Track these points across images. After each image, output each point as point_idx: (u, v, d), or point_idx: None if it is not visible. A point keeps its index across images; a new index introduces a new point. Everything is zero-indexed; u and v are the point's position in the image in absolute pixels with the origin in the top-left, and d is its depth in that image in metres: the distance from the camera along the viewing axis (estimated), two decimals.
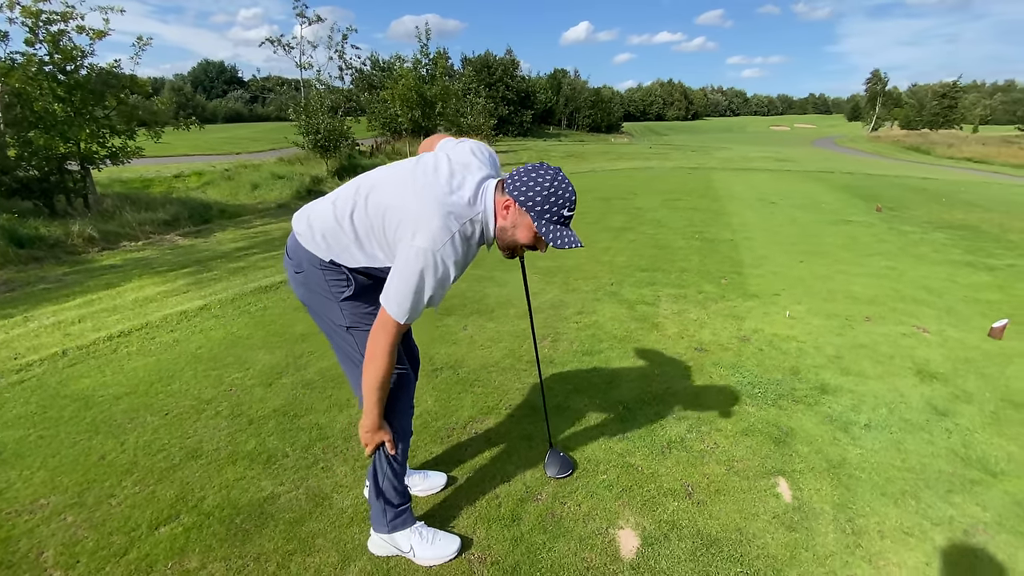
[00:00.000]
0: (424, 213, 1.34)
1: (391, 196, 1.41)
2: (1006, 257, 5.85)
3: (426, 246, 1.31)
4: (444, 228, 1.33)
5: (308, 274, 1.53)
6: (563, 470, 2.16)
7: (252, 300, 4.30)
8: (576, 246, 1.39)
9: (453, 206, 1.36)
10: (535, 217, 1.39)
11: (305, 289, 1.57)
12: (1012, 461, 2.30)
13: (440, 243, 1.32)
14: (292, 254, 1.56)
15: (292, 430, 2.49)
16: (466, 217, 1.38)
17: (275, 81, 21.26)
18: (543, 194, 1.37)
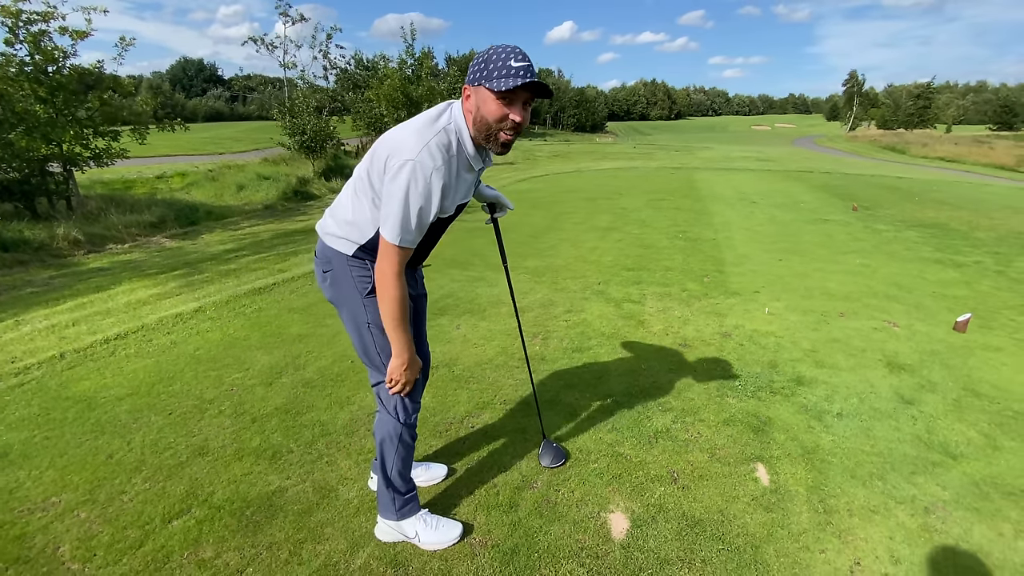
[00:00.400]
0: (400, 138, 1.43)
1: (383, 144, 1.48)
2: (973, 254, 6.13)
3: (403, 159, 1.38)
4: (418, 141, 1.40)
5: (336, 271, 1.64)
6: (556, 459, 2.29)
7: (247, 302, 4.36)
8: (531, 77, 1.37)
9: (422, 126, 1.44)
10: (486, 83, 1.39)
11: (335, 288, 1.67)
12: (971, 445, 2.49)
13: (415, 153, 1.38)
14: (320, 254, 1.69)
15: (295, 427, 2.58)
16: (436, 129, 1.43)
17: (258, 80, 21.05)
18: (482, 62, 1.40)
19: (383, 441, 1.78)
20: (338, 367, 3.19)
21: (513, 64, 1.36)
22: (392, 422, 1.76)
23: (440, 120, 1.45)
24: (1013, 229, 7.85)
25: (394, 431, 1.77)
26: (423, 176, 1.38)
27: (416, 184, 1.38)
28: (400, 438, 1.78)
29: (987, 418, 2.71)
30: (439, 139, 1.42)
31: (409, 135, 1.42)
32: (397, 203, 1.39)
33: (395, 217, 1.40)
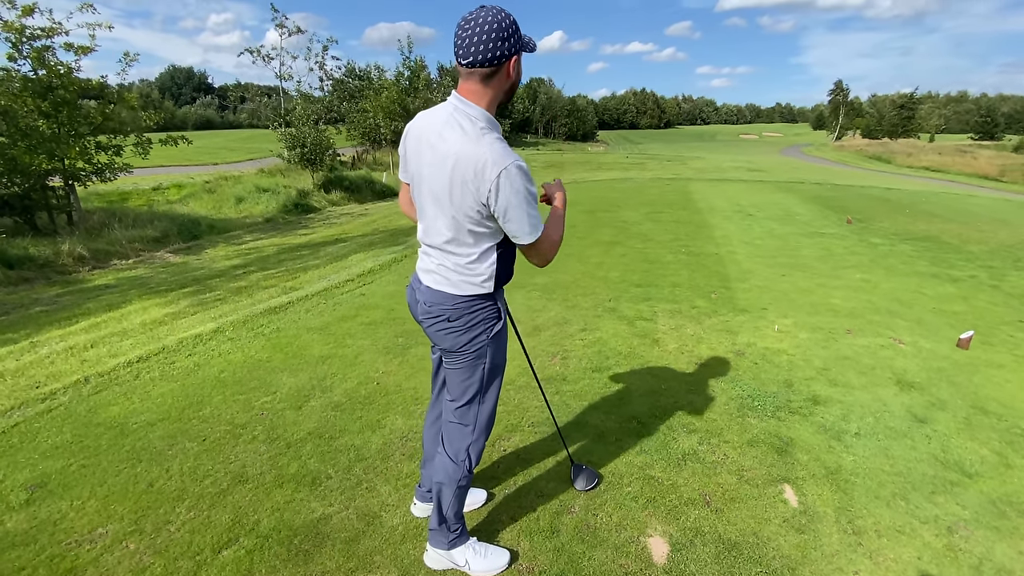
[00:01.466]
0: (475, 153, 1.41)
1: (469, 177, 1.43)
2: (967, 268, 6.31)
3: (506, 163, 1.38)
4: (495, 142, 1.42)
5: (466, 319, 1.61)
6: (589, 482, 2.35)
7: (264, 322, 4.40)
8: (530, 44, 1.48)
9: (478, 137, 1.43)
10: (524, 49, 1.47)
11: (465, 335, 1.63)
12: (984, 463, 2.59)
13: (500, 150, 1.40)
14: (440, 309, 1.62)
15: (330, 452, 2.62)
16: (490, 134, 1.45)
17: (253, 90, 21.09)
18: (516, 28, 1.42)
19: (443, 484, 1.81)
20: (365, 389, 3.24)
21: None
22: (455, 467, 1.79)
23: (477, 123, 1.45)
24: (1003, 242, 8.07)
25: (455, 475, 1.80)
26: (524, 170, 1.42)
27: (528, 178, 1.43)
28: (459, 484, 1.81)
29: (997, 436, 2.82)
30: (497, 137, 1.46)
31: (480, 146, 1.40)
32: (526, 204, 1.43)
33: (527, 215, 1.45)
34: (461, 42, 1.40)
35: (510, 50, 1.41)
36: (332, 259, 6.95)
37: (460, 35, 1.40)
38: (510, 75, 1.47)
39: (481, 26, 1.37)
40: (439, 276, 1.62)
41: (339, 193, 14.53)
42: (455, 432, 1.80)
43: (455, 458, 1.80)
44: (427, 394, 3.16)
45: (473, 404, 1.76)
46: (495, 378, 1.77)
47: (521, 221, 1.46)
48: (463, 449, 1.80)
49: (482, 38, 1.38)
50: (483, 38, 1.38)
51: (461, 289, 1.60)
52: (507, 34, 1.39)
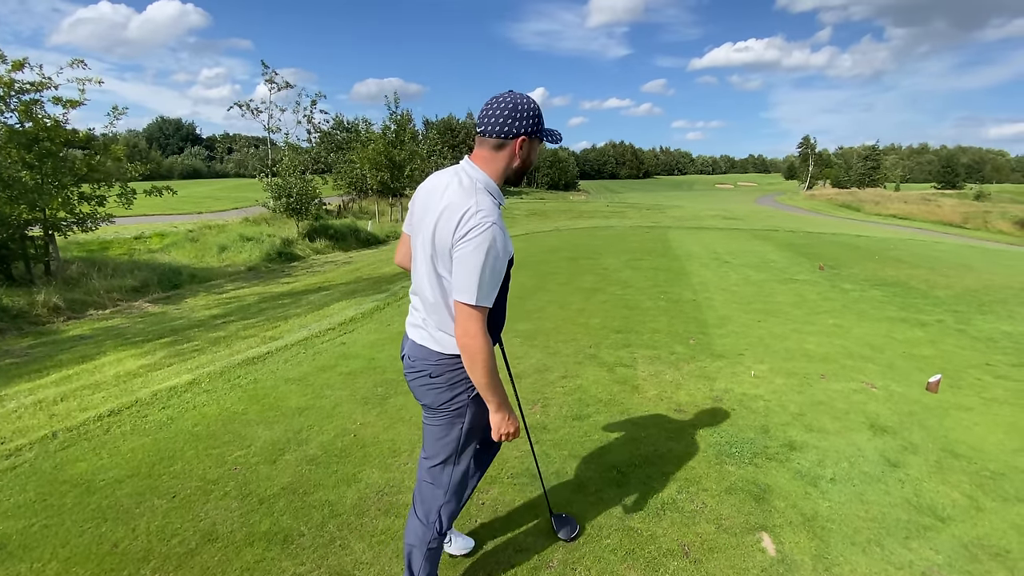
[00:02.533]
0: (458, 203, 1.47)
1: (428, 223, 1.53)
2: (934, 313, 6.52)
3: (479, 218, 1.42)
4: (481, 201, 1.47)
5: (447, 376, 1.63)
6: (572, 531, 2.34)
7: (241, 373, 4.34)
8: (557, 141, 1.67)
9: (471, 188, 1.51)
10: (543, 136, 1.63)
11: (449, 392, 1.65)
12: (956, 507, 2.62)
13: (486, 210, 1.45)
14: (422, 363, 1.65)
15: (304, 508, 2.57)
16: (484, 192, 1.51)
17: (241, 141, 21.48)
18: (539, 115, 1.58)
19: (413, 547, 1.80)
20: (341, 442, 3.19)
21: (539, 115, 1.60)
22: (424, 529, 1.78)
23: (476, 183, 1.53)
24: (968, 287, 8.38)
25: (425, 537, 1.78)
26: (501, 234, 1.46)
27: (497, 241, 1.44)
28: (429, 546, 1.79)
29: (968, 479, 2.87)
30: (492, 199, 1.53)
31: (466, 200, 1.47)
32: (477, 261, 1.41)
33: (481, 278, 1.42)
34: (482, 113, 1.57)
35: (520, 129, 1.54)
36: (314, 308, 6.94)
37: (484, 108, 1.57)
38: (516, 153, 1.57)
39: (501, 103, 1.54)
40: (425, 332, 1.65)
41: (324, 241, 14.62)
42: (427, 492, 1.79)
43: (425, 519, 1.78)
44: (405, 445, 3.13)
45: (447, 465, 1.75)
46: (472, 440, 1.76)
47: (468, 276, 1.42)
48: (434, 510, 1.78)
49: (497, 112, 1.53)
50: (498, 113, 1.53)
51: (445, 347, 1.62)
52: (521, 115, 1.53)
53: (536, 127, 1.57)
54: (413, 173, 22.46)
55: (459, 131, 58.85)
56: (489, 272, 1.44)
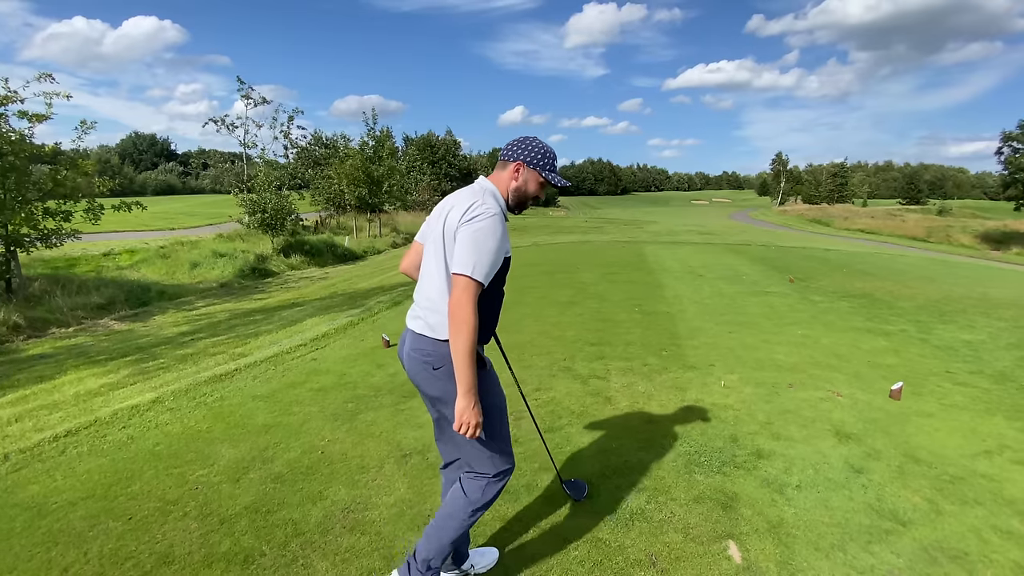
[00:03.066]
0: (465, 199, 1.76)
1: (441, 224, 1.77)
2: (898, 323, 6.72)
3: (483, 208, 1.70)
4: (490, 198, 1.78)
5: (447, 366, 1.72)
6: (581, 492, 2.67)
7: (207, 390, 4.24)
8: (566, 184, 1.97)
9: (479, 190, 1.83)
10: (540, 169, 1.87)
11: (446, 380, 1.75)
12: (917, 511, 2.68)
13: (489, 204, 1.73)
14: (423, 355, 1.79)
15: (266, 527, 2.50)
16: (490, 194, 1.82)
17: (215, 157, 21.25)
18: (540, 151, 1.88)
19: (458, 507, 1.87)
20: (308, 459, 3.13)
21: (555, 164, 1.92)
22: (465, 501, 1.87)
23: (485, 189, 1.84)
24: (930, 298, 8.66)
25: (477, 496, 1.87)
26: (501, 223, 1.73)
27: (500, 228, 1.71)
28: (482, 501, 1.87)
29: (928, 483, 2.93)
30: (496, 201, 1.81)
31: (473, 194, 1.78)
32: (489, 246, 1.66)
33: (484, 256, 1.65)
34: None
35: (519, 156, 1.87)
36: (286, 324, 6.83)
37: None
38: (515, 175, 1.87)
39: (516, 139, 1.92)
40: (423, 322, 1.81)
41: (299, 257, 14.44)
42: (471, 484, 1.89)
43: (487, 469, 1.87)
44: (373, 462, 3.09)
45: (483, 450, 1.85)
46: (492, 418, 1.82)
47: (468, 251, 1.64)
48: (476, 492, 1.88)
49: (511, 144, 1.91)
50: (511, 144, 1.91)
51: (439, 333, 1.75)
52: (524, 147, 1.88)
53: (534, 159, 1.86)
54: (392, 189, 22.45)
55: (438, 147, 59.09)
56: (487, 252, 1.65)
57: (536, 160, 1.86)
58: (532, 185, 1.89)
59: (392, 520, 2.53)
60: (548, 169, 1.89)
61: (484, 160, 72.53)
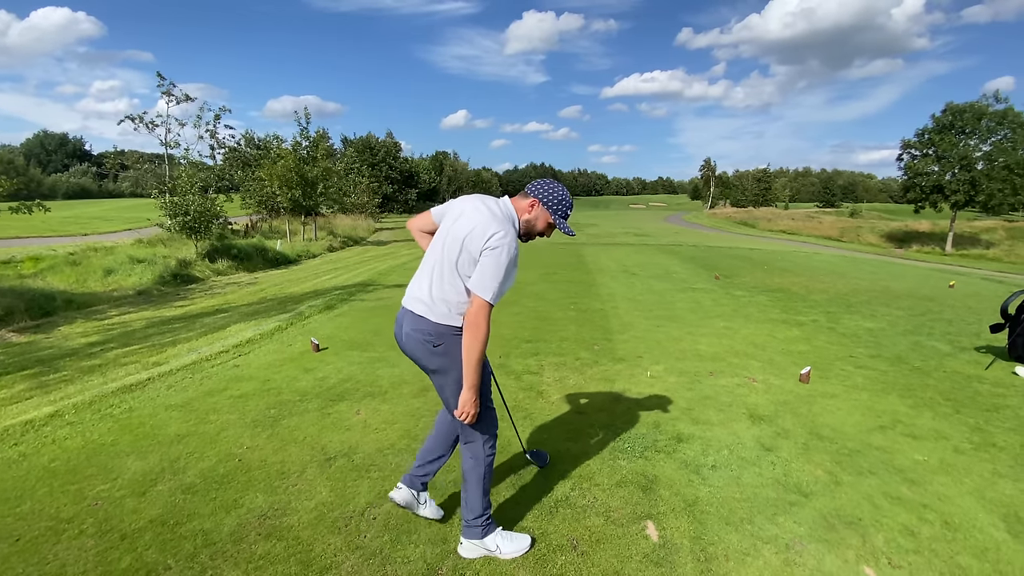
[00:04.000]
0: (489, 224, 1.95)
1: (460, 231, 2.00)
2: (810, 314, 7.23)
3: (505, 240, 1.91)
4: (507, 227, 1.96)
5: (448, 344, 2.03)
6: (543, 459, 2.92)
7: (115, 402, 3.94)
8: (572, 234, 2.17)
9: (502, 217, 2.02)
10: (552, 212, 2.11)
11: (447, 357, 2.04)
12: (818, 483, 2.89)
13: (510, 236, 1.94)
14: (424, 334, 2.05)
15: (173, 540, 2.35)
16: (509, 221, 2.03)
17: (133, 157, 19.78)
18: (558, 198, 2.11)
19: (467, 481, 2.19)
20: (224, 467, 2.97)
21: (569, 212, 2.14)
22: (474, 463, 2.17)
23: (506, 212, 2.06)
24: (839, 291, 9.39)
25: (477, 469, 2.17)
26: (514, 251, 1.94)
27: (510, 256, 1.93)
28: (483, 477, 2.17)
29: (829, 458, 3.17)
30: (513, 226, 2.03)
31: (493, 221, 1.96)
32: (499, 271, 1.90)
33: (495, 280, 1.90)
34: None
35: (540, 195, 2.10)
36: (208, 330, 6.46)
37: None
38: (530, 209, 2.10)
39: (547, 180, 2.16)
40: (426, 306, 2.05)
41: (226, 262, 13.70)
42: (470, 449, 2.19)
43: (475, 457, 2.17)
44: (295, 467, 2.98)
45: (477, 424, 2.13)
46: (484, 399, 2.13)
47: (483, 276, 1.91)
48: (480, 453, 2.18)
49: (539, 181, 2.16)
50: (540, 181, 2.15)
51: (445, 320, 2.02)
52: (547, 190, 2.10)
53: (550, 202, 2.09)
54: (328, 191, 21.75)
55: (378, 150, 57.92)
56: (503, 280, 1.93)
57: (552, 204, 2.10)
58: (541, 223, 2.12)
59: (312, 524, 2.45)
60: (559, 215, 2.11)
61: (426, 163, 71.75)
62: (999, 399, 4.17)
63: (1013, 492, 2.82)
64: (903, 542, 2.39)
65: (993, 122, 31.92)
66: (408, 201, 60.00)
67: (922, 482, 2.90)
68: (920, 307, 8.11)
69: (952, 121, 32.87)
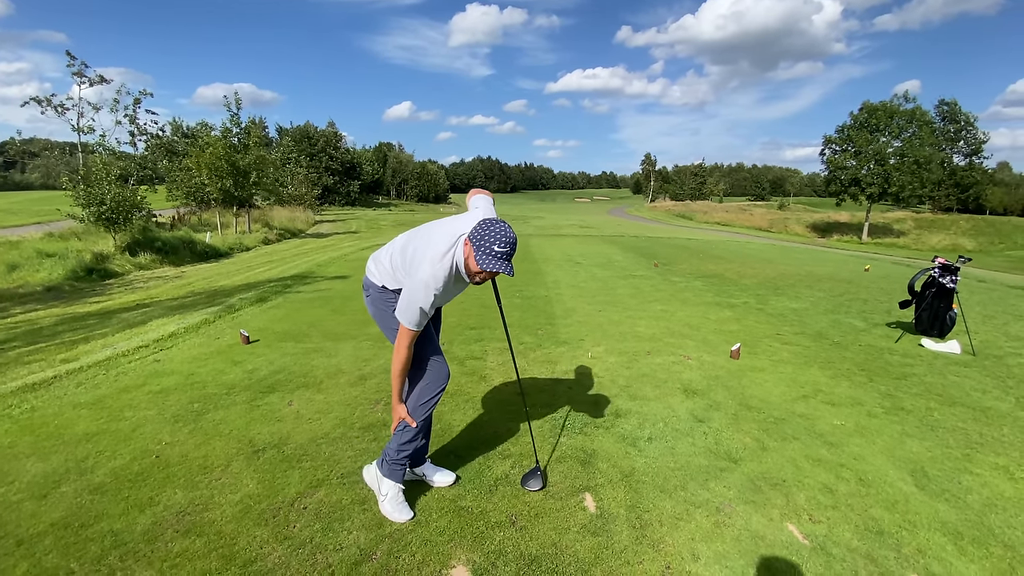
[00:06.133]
0: (423, 256, 2.10)
1: (416, 249, 2.17)
2: (741, 296, 7.58)
3: (420, 275, 2.05)
4: (431, 266, 2.05)
5: (374, 297, 2.35)
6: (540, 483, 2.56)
7: (14, 402, 3.57)
8: (495, 270, 1.99)
9: (436, 257, 2.07)
10: (476, 249, 2.00)
11: (374, 307, 2.37)
12: (746, 449, 3.02)
13: (427, 274, 2.04)
14: (366, 287, 2.38)
15: (78, 543, 2.14)
16: (445, 263, 2.06)
17: (42, 145, 18.03)
18: (479, 234, 2.01)
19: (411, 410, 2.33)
20: (138, 465, 2.75)
21: (496, 249, 1.97)
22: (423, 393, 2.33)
23: (447, 255, 2.07)
24: (768, 276, 9.91)
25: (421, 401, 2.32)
26: (428, 290, 2.03)
27: (424, 295, 2.04)
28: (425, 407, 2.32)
29: (757, 426, 3.32)
30: (444, 268, 2.05)
31: (428, 259, 2.07)
32: (412, 304, 2.05)
33: (410, 311, 2.06)
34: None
35: (471, 233, 2.05)
36: (126, 326, 5.99)
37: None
38: (465, 247, 2.08)
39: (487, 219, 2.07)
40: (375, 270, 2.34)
41: (149, 256, 12.77)
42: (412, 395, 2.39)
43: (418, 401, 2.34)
44: (219, 461, 2.81)
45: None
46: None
47: (404, 307, 2.09)
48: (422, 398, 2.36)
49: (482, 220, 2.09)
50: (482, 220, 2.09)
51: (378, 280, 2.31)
52: (478, 226, 2.03)
53: (474, 237, 2.02)
54: (262, 180, 20.71)
55: (317, 140, 55.67)
56: (413, 301, 2.06)
57: (475, 240, 2.01)
58: (471, 261, 2.04)
59: (236, 518, 2.31)
60: (483, 251, 1.98)
61: (369, 154, 69.77)
62: (907, 368, 4.52)
63: (919, 450, 3.05)
64: (822, 499, 2.53)
65: (903, 120, 34.67)
66: (350, 193, 58.10)
67: (840, 444, 3.09)
68: (839, 289, 8.69)
69: (867, 119, 35.45)
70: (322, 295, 7.50)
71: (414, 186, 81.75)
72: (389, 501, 2.32)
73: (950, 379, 4.28)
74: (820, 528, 2.32)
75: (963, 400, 3.84)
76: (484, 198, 2.51)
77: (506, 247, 1.98)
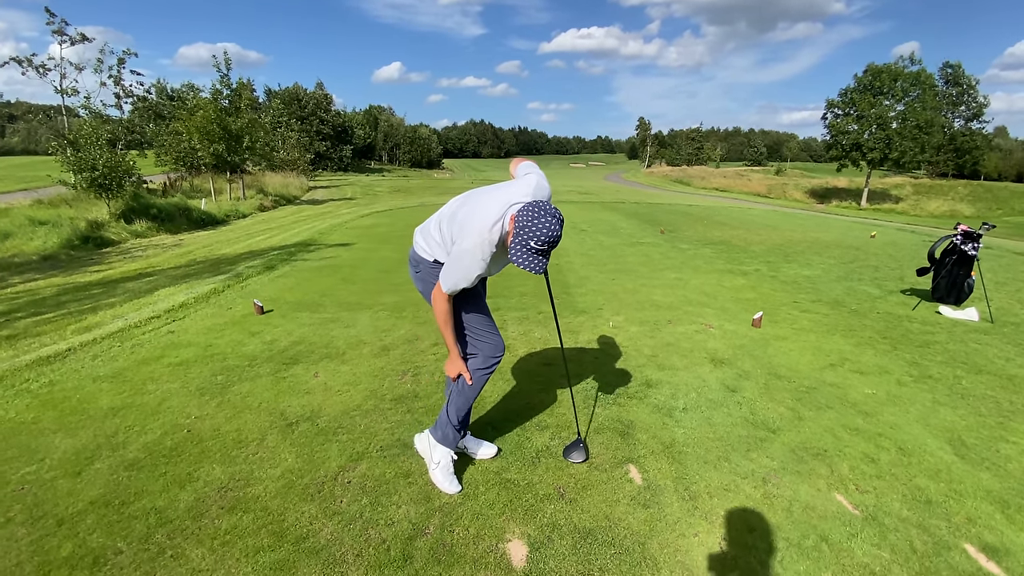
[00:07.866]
0: (472, 224, 2.01)
1: (467, 216, 2.07)
2: (752, 264, 7.53)
3: (469, 241, 1.99)
4: (480, 233, 1.97)
5: (424, 273, 2.27)
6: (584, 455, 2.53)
7: (31, 376, 3.48)
8: (523, 267, 1.91)
9: (486, 226, 1.97)
10: (514, 234, 1.93)
11: (424, 284, 2.29)
12: (783, 419, 3.01)
13: (476, 240, 1.97)
14: (415, 262, 2.34)
15: (121, 520, 2.10)
16: (494, 233, 1.97)
17: (24, 109, 17.36)
18: (524, 220, 1.90)
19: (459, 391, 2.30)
20: (171, 440, 2.70)
21: (532, 244, 1.88)
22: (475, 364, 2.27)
23: (497, 225, 1.97)
24: (775, 243, 9.85)
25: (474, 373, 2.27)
26: (477, 256, 1.97)
27: (471, 259, 1.98)
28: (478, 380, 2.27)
29: (789, 395, 3.31)
30: (492, 237, 1.97)
31: (475, 228, 1.98)
32: (453, 271, 2.01)
33: (448, 277, 2.03)
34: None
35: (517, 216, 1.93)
36: (133, 295, 5.87)
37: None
38: (511, 222, 1.97)
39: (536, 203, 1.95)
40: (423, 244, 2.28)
41: (145, 223, 12.49)
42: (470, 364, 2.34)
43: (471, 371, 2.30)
44: (253, 434, 2.76)
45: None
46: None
47: (445, 272, 2.05)
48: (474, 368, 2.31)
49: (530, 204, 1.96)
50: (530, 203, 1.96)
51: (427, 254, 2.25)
52: (525, 217, 1.90)
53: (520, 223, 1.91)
54: (255, 145, 20.15)
55: (307, 102, 54.09)
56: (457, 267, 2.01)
57: (519, 223, 1.91)
58: (509, 240, 1.97)
59: (280, 493, 2.27)
60: (518, 243, 1.90)
61: (360, 117, 68.13)
62: (929, 336, 4.52)
63: (953, 418, 3.06)
64: (866, 469, 2.53)
65: (907, 83, 34.08)
66: (343, 159, 56.91)
67: (874, 413, 3.09)
68: (848, 255, 8.66)
69: (871, 81, 34.81)
70: (329, 263, 7.37)
71: (407, 151, 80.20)
72: (441, 470, 2.31)
73: (972, 347, 4.29)
74: (868, 498, 2.32)
75: (988, 368, 3.84)
76: (534, 166, 2.33)
77: (544, 245, 1.88)
